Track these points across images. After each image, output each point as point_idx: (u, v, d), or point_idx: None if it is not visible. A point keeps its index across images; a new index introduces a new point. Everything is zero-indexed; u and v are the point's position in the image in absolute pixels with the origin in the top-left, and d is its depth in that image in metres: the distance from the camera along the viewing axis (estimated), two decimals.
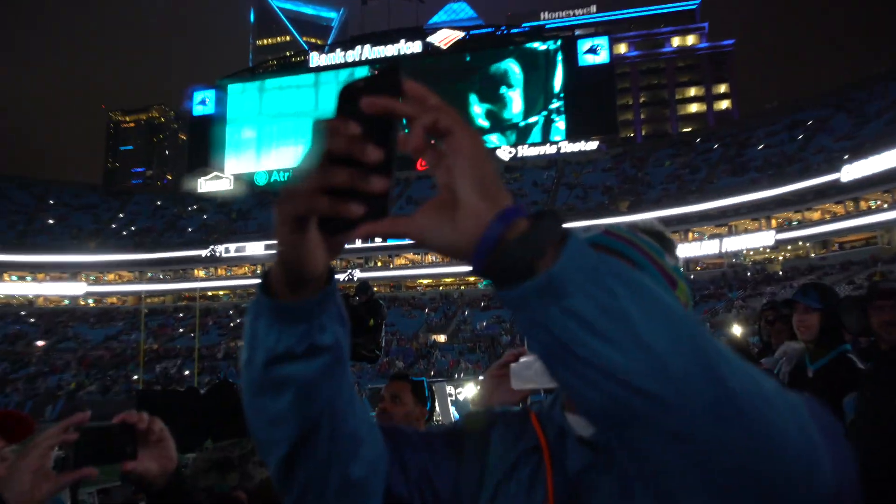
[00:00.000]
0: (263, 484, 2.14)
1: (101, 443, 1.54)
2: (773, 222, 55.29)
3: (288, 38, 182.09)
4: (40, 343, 58.84)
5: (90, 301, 67.10)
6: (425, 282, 65.96)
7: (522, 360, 1.71)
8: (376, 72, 0.78)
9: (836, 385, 3.71)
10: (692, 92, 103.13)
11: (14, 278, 65.38)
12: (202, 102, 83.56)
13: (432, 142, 0.75)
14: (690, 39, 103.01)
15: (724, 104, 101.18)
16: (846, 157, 50.35)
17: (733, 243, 56.05)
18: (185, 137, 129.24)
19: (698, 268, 56.32)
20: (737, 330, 25.12)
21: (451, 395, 18.35)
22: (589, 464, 1.07)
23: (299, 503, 1.03)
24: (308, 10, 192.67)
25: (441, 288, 64.55)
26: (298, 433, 0.95)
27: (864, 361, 3.97)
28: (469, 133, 0.76)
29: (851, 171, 49.05)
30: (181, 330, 59.40)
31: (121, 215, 74.50)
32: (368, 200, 0.76)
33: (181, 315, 62.44)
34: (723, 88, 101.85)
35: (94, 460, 1.51)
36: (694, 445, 0.71)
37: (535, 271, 0.72)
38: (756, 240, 55.45)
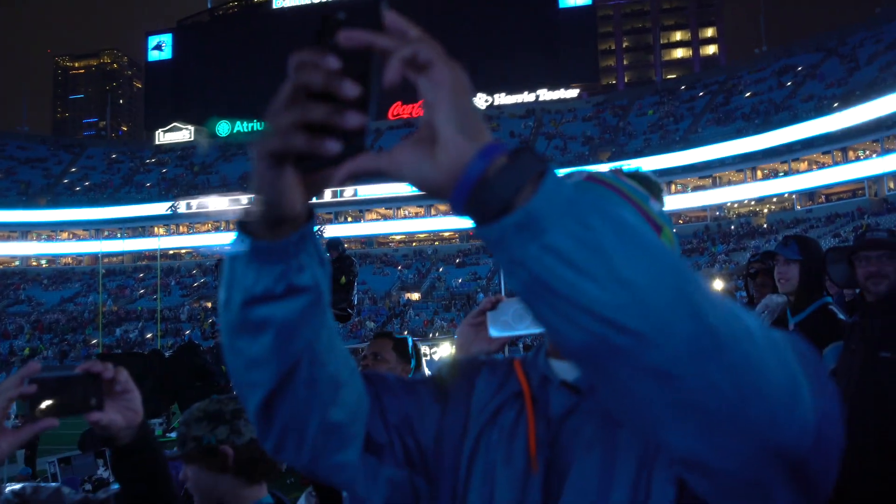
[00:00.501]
0: (252, 443, 2.16)
1: (62, 394, 1.49)
2: (759, 173, 55.87)
3: None
4: None
5: (43, 262, 66.59)
6: (398, 238, 66.12)
7: (500, 305, 1.74)
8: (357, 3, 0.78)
9: (817, 338, 3.68)
10: (678, 36, 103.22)
11: None
12: (158, 48, 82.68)
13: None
14: None
15: (710, 49, 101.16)
16: (836, 104, 50.84)
17: (717, 195, 56.68)
18: (140, 85, 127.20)
19: (681, 221, 56.75)
20: (718, 285, 25.64)
21: (426, 355, 18.63)
22: (571, 408, 1.08)
23: (279, 448, 1.05)
24: None
25: (414, 244, 64.68)
26: (277, 376, 0.96)
27: (848, 314, 4.09)
28: (450, 66, 0.76)
29: (841, 119, 49.54)
30: (142, 291, 59.31)
31: (73, 169, 73.63)
32: (346, 137, 0.76)
33: (141, 275, 62.27)
34: (710, 32, 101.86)
35: (56, 412, 1.47)
36: (674, 381, 0.73)
37: (514, 207, 0.73)
38: (741, 192, 56.12)
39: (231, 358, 0.99)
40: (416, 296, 55.02)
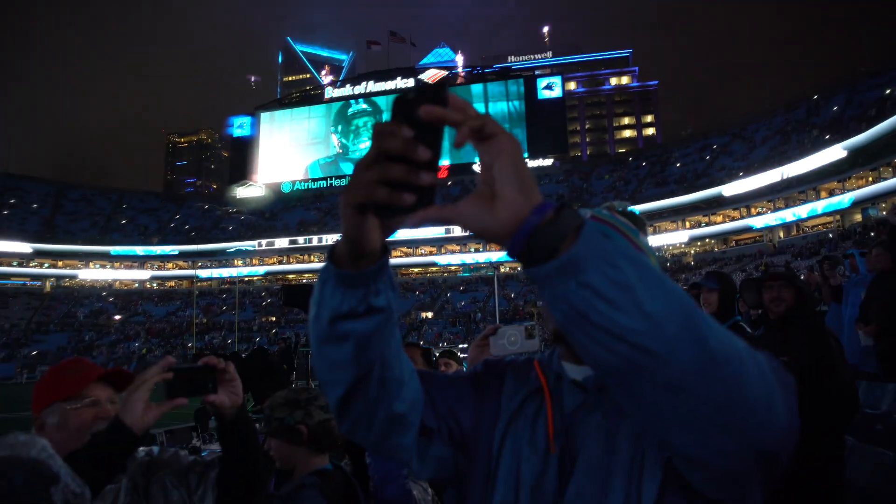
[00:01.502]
0: (321, 424, 2.17)
1: (189, 380, 1.54)
2: (687, 224, 56.20)
3: (308, 75, 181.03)
4: (117, 317, 59.24)
5: (154, 284, 67.34)
6: (416, 270, 66.20)
7: (498, 332, 1.74)
8: (423, 86, 0.79)
9: None
10: (626, 121, 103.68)
11: (97, 266, 65.71)
12: (240, 126, 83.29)
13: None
14: (625, 80, 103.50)
15: (650, 131, 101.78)
16: (741, 173, 51.35)
17: (657, 240, 56.88)
18: (226, 154, 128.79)
19: None
20: None
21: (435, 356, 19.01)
22: (581, 403, 1.06)
23: (352, 431, 1.04)
24: (324, 52, 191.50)
25: (428, 275, 64.84)
26: (354, 377, 0.95)
27: (753, 329, 4.14)
28: (510, 137, 0.75)
29: (745, 184, 50.11)
30: (224, 308, 59.78)
31: (177, 216, 74.59)
32: (418, 191, 0.74)
33: (224, 296, 62.74)
34: (649, 119, 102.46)
35: (186, 393, 1.52)
36: (682, 393, 0.72)
37: (558, 253, 0.72)
38: (674, 237, 56.39)
39: (319, 361, 0.97)
40: (429, 314, 55.05)
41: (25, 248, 61.74)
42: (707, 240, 54.81)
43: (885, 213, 34.39)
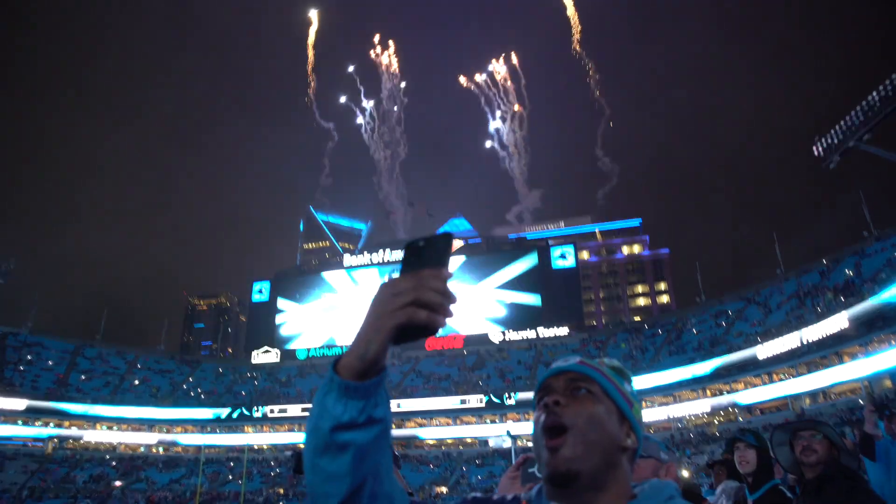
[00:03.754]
0: None
1: None
2: (708, 392, 55.08)
3: (328, 243, 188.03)
4: (118, 483, 57.03)
5: (161, 449, 65.55)
6: (431, 441, 64.28)
7: (526, 461, 1.85)
8: (431, 236, 0.96)
9: None
10: (639, 289, 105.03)
11: (104, 428, 64.62)
12: (259, 292, 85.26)
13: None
14: (636, 248, 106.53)
15: (664, 298, 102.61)
16: (759, 338, 51.36)
17: (678, 410, 55.51)
18: (244, 319, 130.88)
19: (651, 430, 55.11)
20: (685, 473, 25.18)
21: None
22: None
23: None
24: (344, 222, 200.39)
25: (443, 448, 62.78)
26: (348, 489, 0.95)
27: (792, 493, 4.02)
28: None
29: (764, 350, 49.89)
30: (230, 476, 57.64)
31: (190, 379, 74.39)
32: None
33: (232, 464, 60.70)
34: (662, 286, 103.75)
35: None
36: None
37: None
38: (695, 407, 55.02)
39: (312, 473, 0.97)
40: (444, 489, 52.78)
41: (33, 406, 61.14)
42: (730, 408, 53.28)
43: None
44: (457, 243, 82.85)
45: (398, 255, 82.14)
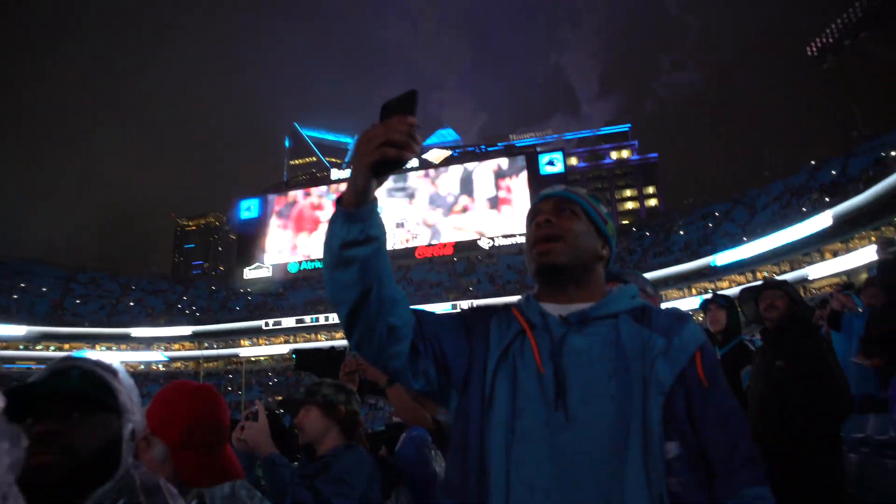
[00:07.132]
0: (354, 413, 2.46)
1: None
2: (693, 290, 56.09)
3: (314, 158, 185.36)
4: None
5: (161, 366, 66.89)
6: None
7: None
8: (400, 96, 1.15)
9: (736, 363, 4.07)
10: (628, 193, 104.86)
11: (103, 348, 65.47)
12: (248, 209, 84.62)
13: None
14: (625, 153, 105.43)
15: (652, 202, 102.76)
16: (744, 238, 51.79)
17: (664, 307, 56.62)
18: (234, 237, 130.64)
19: None
20: None
21: None
22: (565, 332, 1.27)
23: (359, 342, 1.23)
24: (330, 136, 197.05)
25: None
26: (359, 294, 1.17)
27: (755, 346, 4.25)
28: None
29: (749, 249, 50.45)
30: (230, 388, 59.09)
31: (184, 298, 74.91)
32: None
33: (231, 376, 62.30)
34: (651, 190, 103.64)
35: None
36: None
37: None
38: (680, 305, 55.91)
39: (329, 285, 1.20)
40: None
41: (32, 331, 61.89)
42: None
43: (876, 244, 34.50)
44: (444, 153, 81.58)
45: None
